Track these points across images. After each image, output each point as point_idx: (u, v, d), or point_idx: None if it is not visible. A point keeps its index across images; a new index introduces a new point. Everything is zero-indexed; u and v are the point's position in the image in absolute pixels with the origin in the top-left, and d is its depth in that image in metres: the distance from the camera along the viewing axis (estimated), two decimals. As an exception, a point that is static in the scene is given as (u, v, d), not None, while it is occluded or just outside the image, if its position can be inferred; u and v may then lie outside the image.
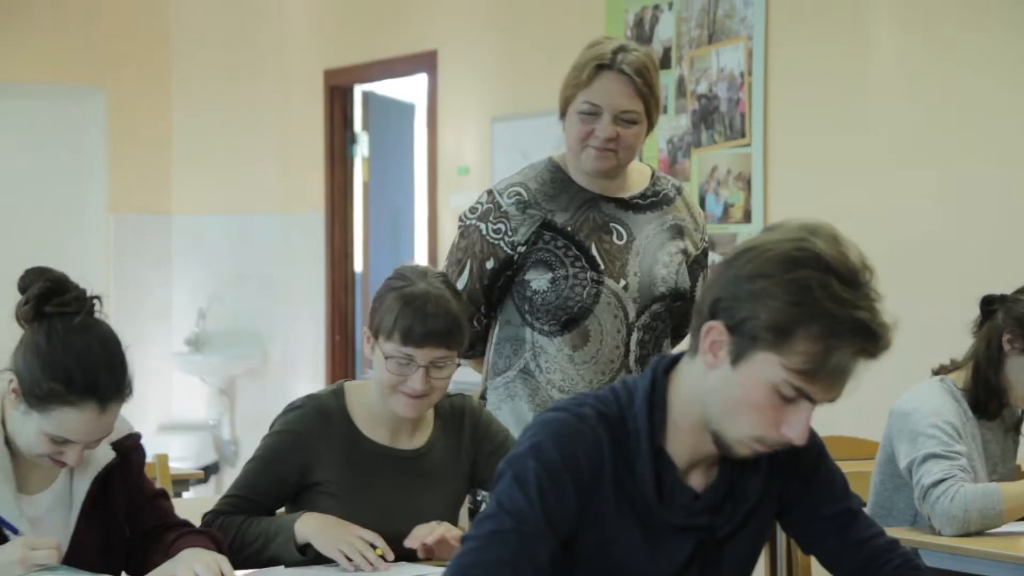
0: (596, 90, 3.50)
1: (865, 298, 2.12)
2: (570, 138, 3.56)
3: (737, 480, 2.31)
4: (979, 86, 5.54)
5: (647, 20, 6.92)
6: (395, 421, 3.24)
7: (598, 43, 3.57)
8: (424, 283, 3.15)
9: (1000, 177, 5.50)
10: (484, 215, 3.62)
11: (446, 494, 3.28)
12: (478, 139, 8.02)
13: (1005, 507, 3.53)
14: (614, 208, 3.62)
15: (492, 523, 2.20)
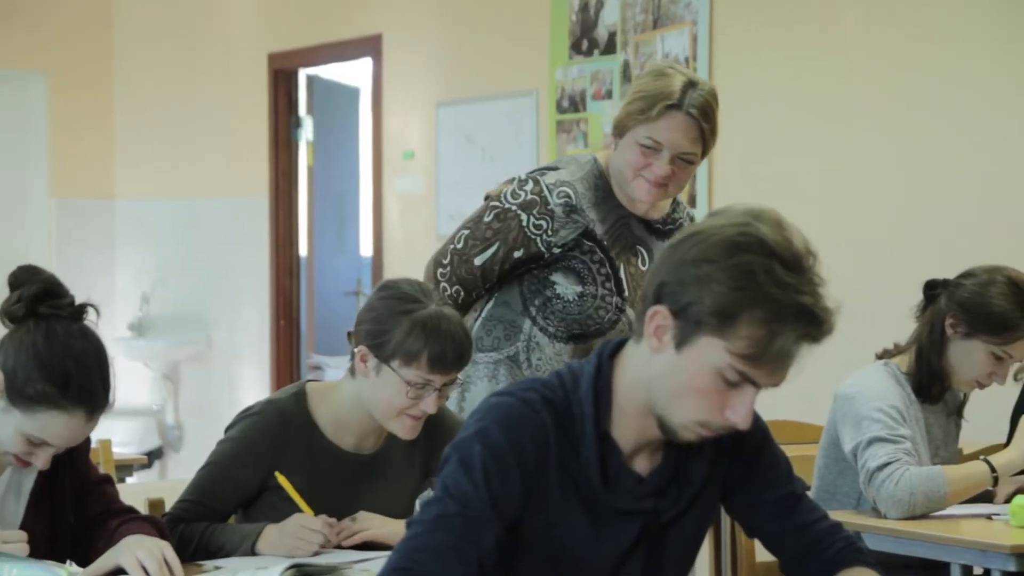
0: (661, 128, 3.48)
1: (808, 283, 2.13)
2: (625, 164, 3.54)
3: (682, 464, 2.32)
4: (926, 71, 5.57)
5: (592, 5, 6.92)
6: (364, 429, 3.22)
7: (664, 75, 3.52)
8: (434, 304, 3.10)
9: (944, 163, 5.54)
10: (528, 205, 3.58)
11: (407, 491, 3.28)
12: (423, 123, 8.01)
13: (949, 490, 3.56)
14: (643, 230, 3.65)
15: (438, 507, 2.20)
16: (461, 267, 3.62)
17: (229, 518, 3.24)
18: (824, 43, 5.87)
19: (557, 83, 7.14)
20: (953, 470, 3.61)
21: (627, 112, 3.52)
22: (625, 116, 3.52)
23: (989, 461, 3.64)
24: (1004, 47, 5.35)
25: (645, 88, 3.51)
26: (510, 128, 7.47)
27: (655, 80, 3.51)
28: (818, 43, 5.90)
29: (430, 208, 7.95)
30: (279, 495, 3.18)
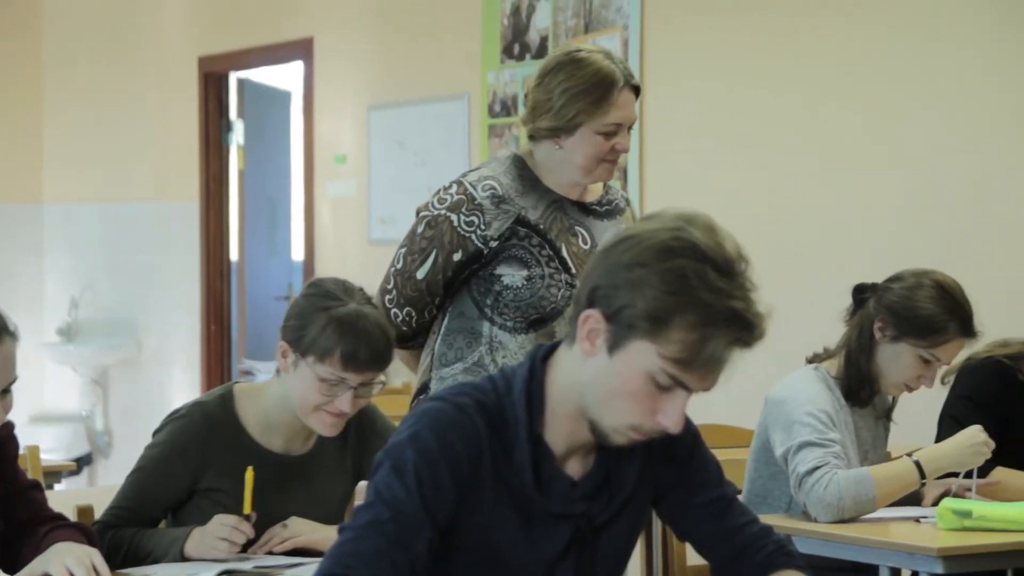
0: (618, 110, 3.48)
1: (740, 288, 2.14)
2: (584, 157, 3.50)
3: (614, 468, 2.33)
4: (859, 77, 5.61)
5: (524, 9, 6.93)
6: (292, 429, 3.21)
7: (586, 60, 3.49)
8: (355, 303, 3.12)
9: (872, 167, 5.58)
10: (455, 206, 3.52)
11: (336, 494, 3.27)
12: (355, 127, 7.99)
13: (878, 492, 3.58)
14: (577, 212, 3.60)
15: (370, 513, 2.19)
16: (406, 286, 3.54)
17: (160, 523, 3.22)
18: (754, 47, 5.91)
19: (489, 87, 7.15)
20: (880, 471, 3.63)
21: (576, 110, 3.46)
22: (575, 115, 3.46)
23: (917, 460, 3.67)
24: (933, 51, 5.40)
25: (581, 81, 3.46)
26: (442, 132, 7.47)
27: (584, 69, 3.47)
28: (748, 47, 5.94)
29: (362, 212, 7.93)
30: (208, 498, 3.17)
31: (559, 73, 3.49)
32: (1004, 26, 5.21)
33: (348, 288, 3.17)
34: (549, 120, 3.49)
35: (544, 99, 3.50)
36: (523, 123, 3.61)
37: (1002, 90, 5.22)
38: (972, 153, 5.30)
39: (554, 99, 3.48)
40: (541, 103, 3.51)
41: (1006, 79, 5.21)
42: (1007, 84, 5.21)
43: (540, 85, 3.52)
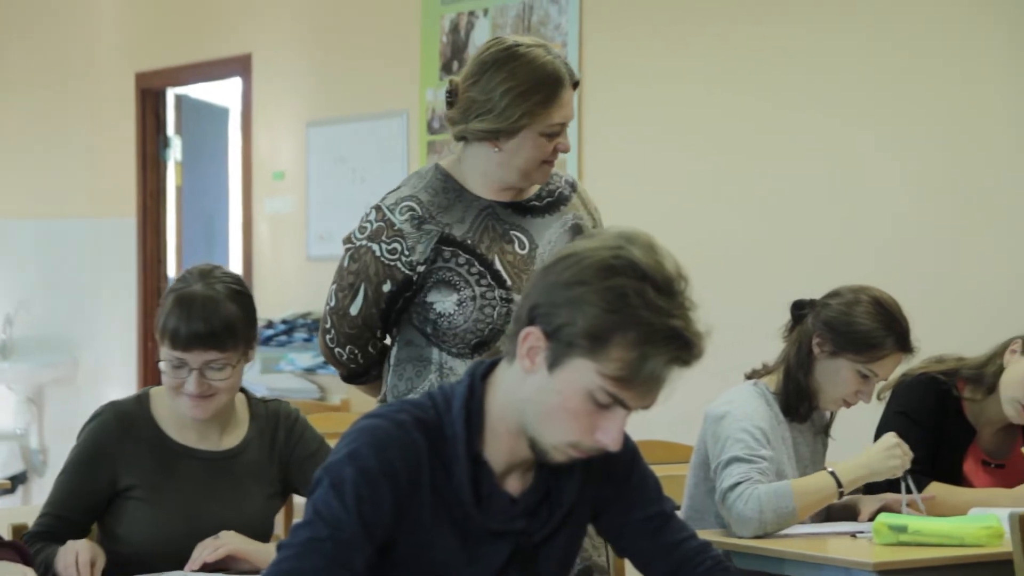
0: (563, 108, 3.29)
1: (680, 307, 2.15)
2: (526, 160, 3.29)
3: (553, 485, 2.33)
4: (797, 89, 5.65)
5: (463, 26, 6.94)
6: (202, 423, 3.21)
7: (525, 56, 3.26)
8: (200, 284, 3.12)
9: (811, 183, 5.62)
10: (375, 235, 3.31)
11: (260, 496, 3.26)
12: (293, 144, 7.97)
13: (798, 504, 3.60)
14: (512, 214, 3.37)
15: (308, 531, 2.19)
16: (343, 324, 3.37)
17: (87, 529, 3.22)
18: (692, 63, 5.94)
19: (428, 104, 7.15)
20: (800, 484, 3.65)
21: (521, 111, 3.23)
22: (519, 116, 3.23)
23: (834, 472, 3.70)
24: (865, 64, 5.44)
25: (526, 79, 3.23)
26: (381, 148, 7.47)
27: (527, 65, 3.24)
28: (686, 63, 5.96)
29: (300, 229, 7.92)
30: (129, 498, 3.17)
31: (499, 71, 3.25)
32: (944, 40, 5.26)
33: (204, 272, 3.17)
34: (489, 122, 3.26)
35: (483, 99, 3.26)
36: (451, 123, 3.36)
37: (938, 106, 5.27)
38: (909, 170, 5.34)
39: (495, 99, 3.24)
40: (478, 103, 3.27)
41: (944, 94, 5.26)
42: (944, 101, 5.25)
43: (477, 83, 3.27)
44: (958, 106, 5.21)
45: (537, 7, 6.56)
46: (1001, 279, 5.10)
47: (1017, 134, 5.06)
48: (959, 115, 5.21)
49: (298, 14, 7.95)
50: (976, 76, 5.16)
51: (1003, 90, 5.10)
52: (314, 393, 7.29)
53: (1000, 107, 5.11)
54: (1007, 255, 5.08)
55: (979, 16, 5.16)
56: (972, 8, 5.18)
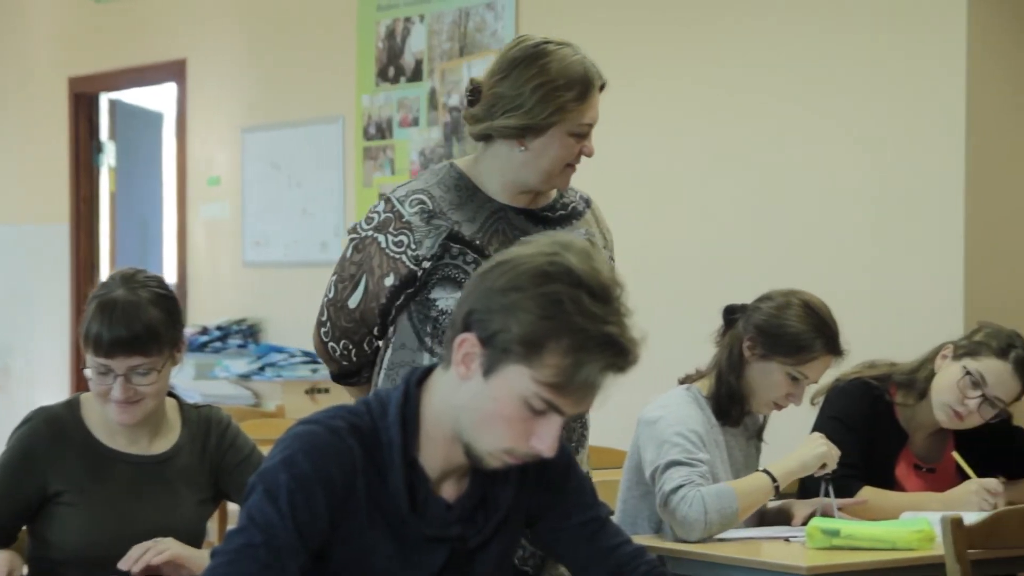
0: (592, 109, 3.20)
1: (615, 313, 2.16)
2: (551, 160, 3.18)
3: (489, 490, 2.33)
4: (730, 99, 5.68)
5: (399, 32, 6.94)
6: (133, 428, 3.20)
7: (566, 55, 3.19)
8: (123, 289, 3.10)
9: (746, 191, 5.65)
10: (382, 225, 3.21)
11: (192, 501, 3.25)
12: (228, 149, 7.94)
13: (740, 504, 3.63)
14: (524, 221, 3.26)
15: (242, 537, 2.18)
16: (339, 317, 3.26)
17: (17, 534, 3.20)
18: (627, 70, 5.96)
19: (364, 110, 7.14)
20: (740, 485, 3.68)
21: (552, 107, 3.14)
22: (550, 113, 3.14)
23: (769, 471, 3.73)
24: (800, 72, 5.48)
25: (559, 75, 3.15)
26: (316, 154, 7.45)
27: (559, 63, 3.16)
28: (621, 71, 5.98)
29: (236, 234, 7.88)
30: (59, 503, 3.15)
31: (529, 67, 3.16)
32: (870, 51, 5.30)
33: (127, 276, 3.15)
34: (518, 118, 3.15)
35: (512, 94, 3.16)
36: (473, 120, 3.23)
37: (865, 114, 5.31)
38: (840, 178, 5.38)
39: (525, 95, 3.14)
40: (507, 99, 3.16)
41: (871, 103, 5.30)
42: (871, 109, 5.30)
43: (506, 78, 3.17)
44: (885, 114, 5.25)
45: (473, 14, 6.57)
46: (933, 285, 5.14)
47: (944, 142, 5.10)
48: (887, 123, 5.25)
49: (233, 19, 7.92)
50: (903, 85, 5.21)
51: (931, 99, 5.15)
52: (249, 399, 7.26)
53: (928, 116, 5.16)
54: (938, 261, 5.13)
55: (903, 28, 5.21)
56: (894, 20, 5.23)
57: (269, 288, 7.70)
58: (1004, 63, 5.19)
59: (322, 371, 7.17)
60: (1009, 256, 5.21)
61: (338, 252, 7.72)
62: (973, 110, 5.09)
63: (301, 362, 7.25)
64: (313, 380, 7.17)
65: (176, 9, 8.23)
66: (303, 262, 7.48)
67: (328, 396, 7.05)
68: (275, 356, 7.31)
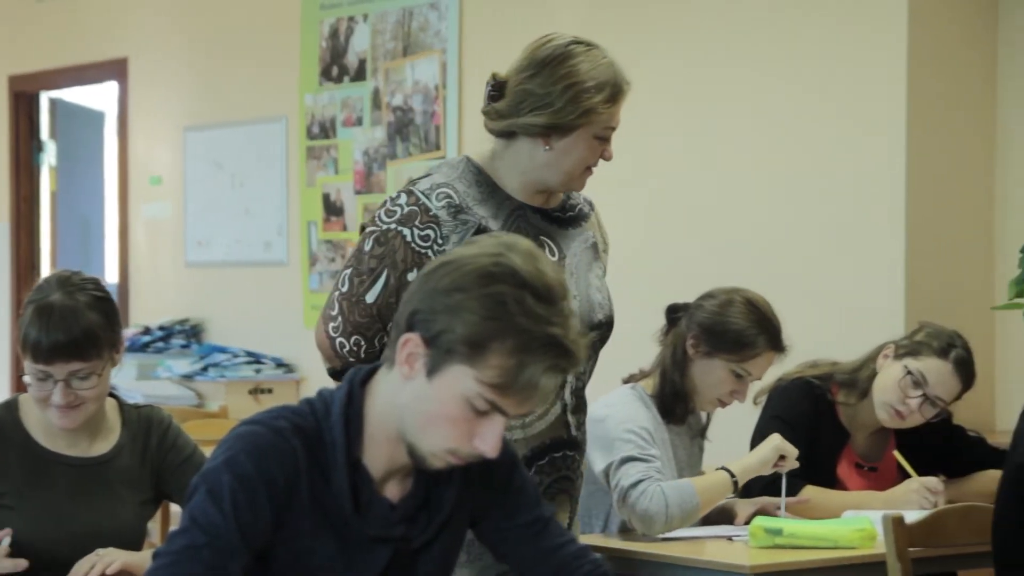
0: (616, 113, 3.16)
1: (559, 314, 2.16)
2: (574, 161, 3.14)
3: (432, 491, 2.33)
4: (673, 99, 5.69)
5: (342, 31, 6.92)
6: (72, 430, 3.17)
7: (596, 56, 3.15)
8: (60, 293, 3.08)
9: (690, 189, 5.67)
10: (407, 219, 3.08)
11: (133, 502, 3.24)
12: (170, 148, 7.90)
13: (700, 499, 3.65)
14: (540, 220, 3.20)
15: (185, 538, 2.18)
16: (353, 312, 3.09)
17: None
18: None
19: (307, 109, 7.12)
20: (699, 481, 3.72)
21: (583, 108, 3.09)
22: (580, 113, 3.10)
23: (728, 468, 3.75)
24: (745, 73, 5.50)
25: (591, 77, 3.11)
26: (259, 154, 7.42)
27: (591, 63, 3.13)
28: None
29: (178, 234, 7.85)
30: (1, 506, 3.13)
31: (560, 66, 3.11)
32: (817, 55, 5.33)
33: (63, 279, 3.12)
34: (547, 116, 3.09)
35: (542, 92, 3.10)
36: (496, 116, 3.17)
37: (810, 116, 5.34)
38: (783, 180, 5.41)
39: (555, 93, 3.09)
40: (536, 96, 3.10)
41: (818, 106, 5.33)
42: (810, 115, 5.33)
43: (535, 76, 3.11)
44: (827, 115, 5.29)
45: (417, 13, 6.56)
46: (874, 285, 5.18)
47: (886, 142, 5.14)
48: (829, 124, 5.28)
49: (175, 18, 7.88)
50: (845, 87, 5.24)
51: (872, 100, 5.18)
52: (191, 400, 7.22)
53: (869, 116, 5.19)
54: (879, 261, 5.16)
55: (844, 29, 5.24)
56: (836, 22, 5.26)
57: (212, 288, 7.67)
58: (944, 64, 5.23)
59: (265, 371, 7.15)
60: (950, 256, 5.25)
61: (282, 251, 7.71)
62: (914, 111, 5.12)
63: (244, 362, 7.22)
64: (256, 380, 7.15)
65: (117, 7, 8.18)
66: (246, 262, 7.45)
67: (271, 396, 7.03)
68: (218, 356, 7.28)
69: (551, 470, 3.10)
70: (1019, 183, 5.31)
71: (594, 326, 3.19)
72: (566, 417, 3.13)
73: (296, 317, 7.12)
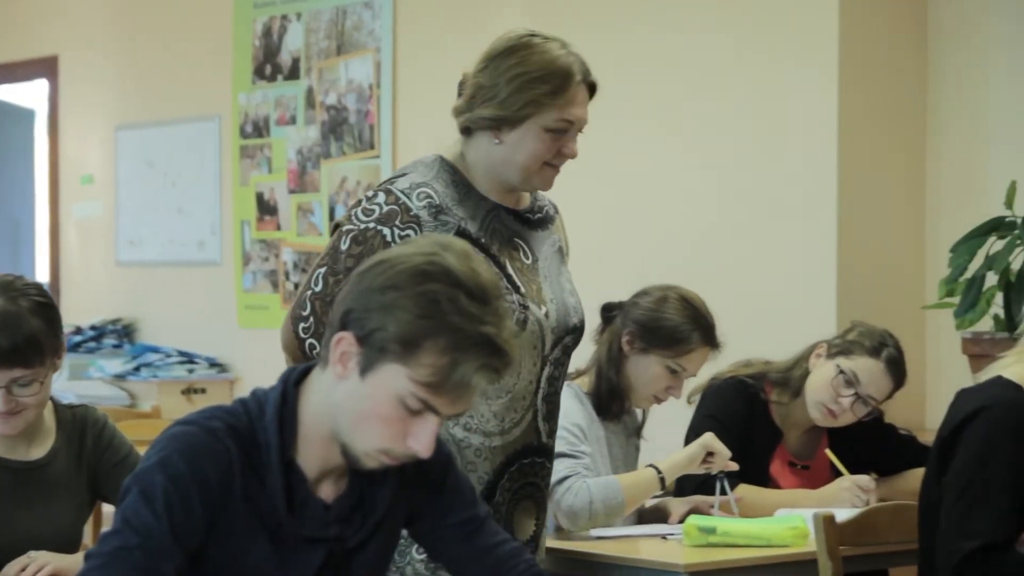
0: (572, 106, 3.06)
1: (493, 314, 2.17)
2: (529, 157, 3.04)
3: (367, 491, 2.33)
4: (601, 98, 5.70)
5: (275, 30, 6.90)
6: (5, 434, 3.15)
7: (549, 48, 3.08)
8: (2, 299, 3.05)
9: (621, 189, 5.68)
10: (387, 218, 2.99)
11: (71, 505, 3.22)
12: (102, 147, 7.85)
13: (626, 496, 3.67)
14: (514, 221, 3.13)
15: (117, 539, 2.16)
16: (327, 312, 2.89)
17: None
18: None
19: (240, 108, 7.09)
20: (625, 477, 3.75)
21: (525, 99, 3.02)
22: (523, 104, 3.02)
23: (656, 465, 3.77)
24: (674, 74, 5.52)
25: (536, 67, 3.03)
26: (192, 153, 7.38)
27: (539, 55, 3.05)
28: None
29: (109, 234, 7.79)
30: None
31: (509, 57, 3.05)
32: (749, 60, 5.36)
33: (5, 285, 3.09)
34: (492, 108, 3.04)
35: (489, 84, 3.05)
36: (457, 113, 3.12)
37: (738, 118, 5.36)
38: (715, 180, 5.43)
39: (501, 85, 3.04)
40: (484, 89, 3.05)
41: (742, 111, 5.36)
42: (741, 114, 5.35)
43: (485, 69, 3.07)
44: (758, 114, 5.32)
45: (351, 12, 6.54)
46: (806, 285, 5.21)
47: (817, 142, 5.17)
48: (761, 123, 5.31)
49: (107, 15, 7.83)
50: (776, 87, 5.27)
51: (804, 99, 5.21)
52: (124, 400, 7.17)
53: (801, 116, 5.22)
54: (811, 261, 5.19)
55: (776, 30, 5.27)
56: (768, 23, 5.29)
57: (144, 288, 7.62)
58: (876, 64, 5.27)
59: (198, 371, 7.11)
60: (881, 256, 5.29)
61: (215, 251, 7.67)
62: (845, 112, 5.16)
63: (177, 362, 7.18)
64: (189, 380, 7.11)
65: (48, 4, 8.11)
66: (179, 261, 7.41)
67: (205, 396, 6.99)
68: (151, 356, 7.23)
69: (520, 476, 3.06)
70: (950, 183, 5.35)
71: (569, 330, 3.15)
72: (537, 423, 3.09)
73: (230, 317, 7.09)
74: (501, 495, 3.01)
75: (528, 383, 3.06)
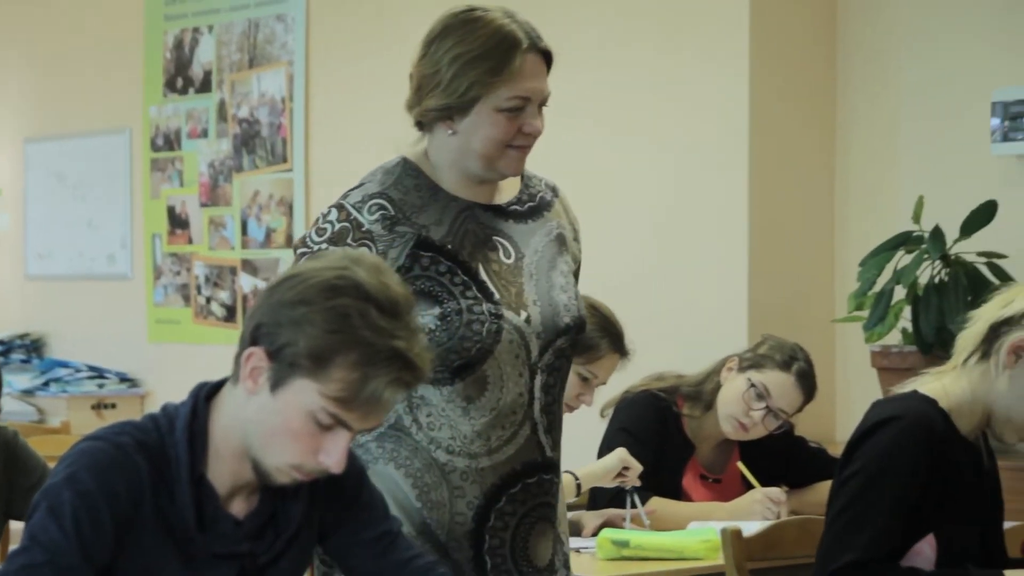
0: (524, 80, 2.76)
1: (404, 328, 2.16)
2: (486, 143, 2.77)
3: (279, 507, 2.32)
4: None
5: (187, 43, 6.86)
6: None
7: (482, 20, 2.79)
8: None
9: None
10: (338, 237, 2.75)
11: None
12: (10, 161, 7.77)
13: None
14: (493, 218, 2.86)
15: (25, 557, 2.14)
16: None
17: None
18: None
19: (151, 121, 7.04)
20: None
21: (469, 81, 2.75)
22: (468, 87, 2.75)
23: (573, 472, 3.79)
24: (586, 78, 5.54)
25: (475, 44, 2.76)
26: (103, 166, 7.33)
27: (478, 30, 2.78)
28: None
29: (18, 247, 7.72)
30: None
31: (447, 38, 2.78)
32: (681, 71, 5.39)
33: None
34: (438, 97, 2.78)
35: (431, 72, 2.79)
36: (408, 108, 2.88)
37: (648, 126, 5.39)
38: (626, 190, 5.45)
39: (443, 70, 2.77)
40: (427, 78, 2.79)
41: (651, 119, 5.39)
42: (652, 122, 5.38)
43: (425, 56, 2.80)
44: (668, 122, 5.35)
45: (263, 25, 6.52)
46: (717, 298, 5.24)
47: (727, 153, 5.21)
48: (671, 131, 5.35)
49: (14, 27, 7.75)
50: (688, 94, 5.30)
51: (714, 108, 5.25)
52: (32, 415, 7.10)
53: (711, 125, 5.26)
54: (722, 274, 5.23)
55: (687, 34, 5.31)
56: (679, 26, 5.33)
57: (53, 302, 7.55)
58: (785, 81, 5.32)
59: (108, 386, 7.05)
60: (791, 270, 5.33)
61: (126, 265, 7.60)
62: (755, 127, 5.20)
63: (87, 377, 7.11)
64: (99, 395, 7.04)
65: (-44, 16, 8.02)
66: (89, 275, 7.35)
67: (115, 412, 6.93)
68: (60, 371, 7.16)
69: (525, 498, 2.80)
70: (859, 198, 5.41)
71: (560, 331, 2.86)
72: (538, 437, 2.83)
73: (140, 331, 7.03)
74: (500, 520, 2.78)
75: (517, 396, 2.80)
